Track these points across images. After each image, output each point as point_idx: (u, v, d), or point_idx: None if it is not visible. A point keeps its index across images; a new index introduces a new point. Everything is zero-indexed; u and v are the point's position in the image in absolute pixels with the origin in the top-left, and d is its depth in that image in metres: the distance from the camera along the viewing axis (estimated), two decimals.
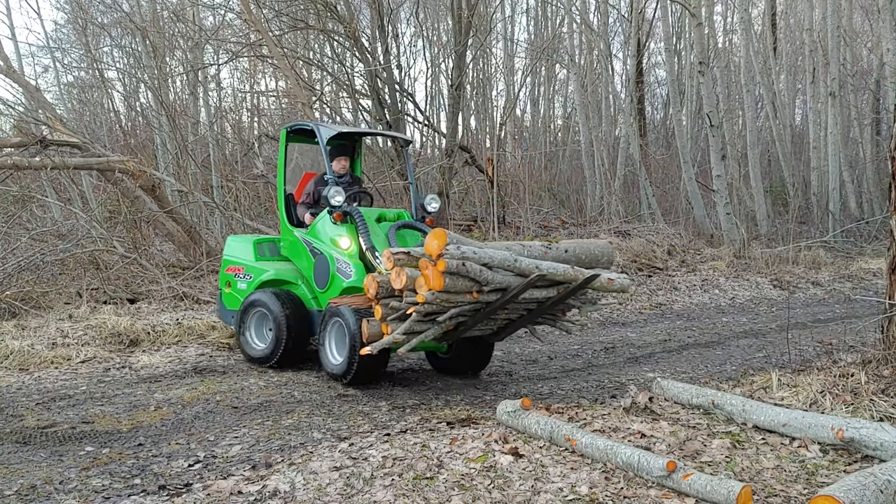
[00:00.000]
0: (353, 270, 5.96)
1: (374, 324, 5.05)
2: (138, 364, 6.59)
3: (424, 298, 4.59)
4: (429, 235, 4.62)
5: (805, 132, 20.51)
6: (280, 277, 6.69)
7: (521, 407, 4.33)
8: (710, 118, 14.52)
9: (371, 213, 6.37)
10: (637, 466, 3.53)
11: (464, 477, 3.59)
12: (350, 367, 5.67)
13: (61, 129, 10.11)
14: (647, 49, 21.63)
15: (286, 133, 7.05)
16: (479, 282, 4.67)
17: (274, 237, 7.42)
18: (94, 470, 4.00)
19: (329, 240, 6.22)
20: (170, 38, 15.22)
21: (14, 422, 4.91)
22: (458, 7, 13.46)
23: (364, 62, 13.35)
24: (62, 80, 18.71)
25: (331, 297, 6.06)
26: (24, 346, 6.75)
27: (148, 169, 10.38)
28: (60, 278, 9.31)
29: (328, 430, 4.70)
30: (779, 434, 4.10)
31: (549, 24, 22.50)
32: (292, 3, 13.70)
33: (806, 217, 17.77)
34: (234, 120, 17.17)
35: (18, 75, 12.50)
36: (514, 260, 4.72)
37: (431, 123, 16.97)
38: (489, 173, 14.54)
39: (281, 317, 6.29)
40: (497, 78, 22.46)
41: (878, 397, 4.27)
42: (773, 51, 21.00)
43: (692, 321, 9.41)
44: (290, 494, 3.47)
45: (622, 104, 19.30)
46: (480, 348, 6.27)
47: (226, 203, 12.39)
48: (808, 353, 6.37)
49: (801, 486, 3.46)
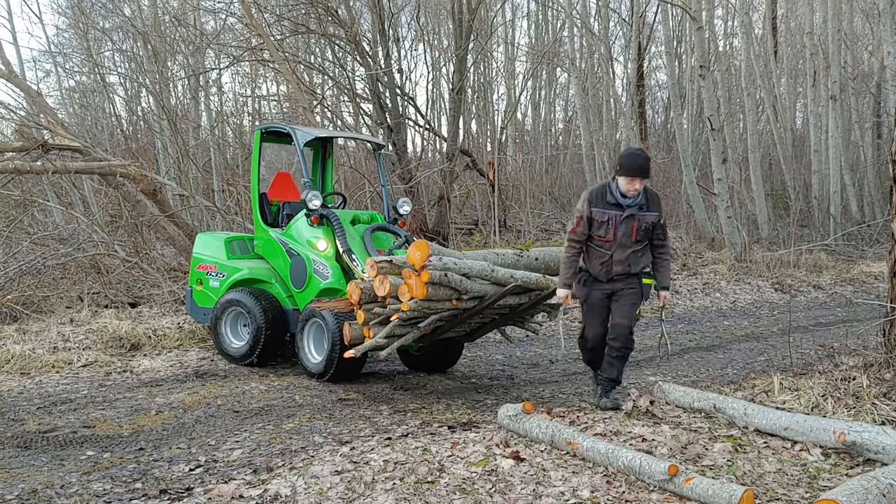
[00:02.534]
0: (330, 272, 6.25)
1: (357, 327, 5.30)
2: (139, 368, 6.59)
3: (409, 307, 4.86)
4: (411, 247, 4.88)
5: (806, 135, 20.51)
6: (254, 276, 6.87)
7: (523, 411, 4.33)
8: (710, 122, 14.51)
9: (345, 215, 6.60)
10: (639, 470, 3.53)
11: (465, 481, 3.59)
12: (329, 366, 5.91)
13: (63, 134, 10.12)
14: (647, 53, 21.65)
15: (260, 134, 7.26)
16: (459, 291, 5.00)
17: (246, 235, 7.55)
18: (96, 474, 4.00)
19: (306, 241, 6.46)
20: (171, 43, 15.23)
21: (15, 426, 4.91)
22: (458, 11, 13.49)
23: (365, 66, 13.37)
24: (64, 84, 18.75)
25: (308, 298, 6.34)
26: (26, 350, 6.75)
27: (149, 173, 10.39)
28: (62, 282, 9.32)
29: (329, 434, 4.70)
30: (780, 438, 4.09)
31: (549, 28, 22.53)
32: (293, 7, 13.72)
33: (807, 220, 17.76)
34: (235, 124, 17.17)
35: (20, 80, 12.52)
36: (491, 270, 5.07)
37: (432, 127, 16.97)
38: (490, 177, 14.54)
39: (259, 316, 6.46)
40: (498, 82, 22.48)
41: (879, 401, 4.27)
42: (773, 54, 21.01)
43: (693, 325, 9.40)
44: (292, 498, 3.46)
45: (623, 108, 19.31)
46: (451, 347, 6.55)
47: (227, 207, 12.39)
48: (810, 357, 6.37)
49: (802, 490, 3.45)
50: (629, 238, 4.69)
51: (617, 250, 4.70)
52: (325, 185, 7.81)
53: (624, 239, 4.68)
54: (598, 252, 4.76)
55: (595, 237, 4.73)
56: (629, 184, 4.58)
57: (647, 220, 4.72)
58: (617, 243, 4.69)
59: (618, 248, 4.70)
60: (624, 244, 4.69)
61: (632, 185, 4.58)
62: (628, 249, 4.70)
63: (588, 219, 4.70)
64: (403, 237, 6.59)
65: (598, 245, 4.75)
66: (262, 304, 6.52)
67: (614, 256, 4.72)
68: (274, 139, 7.61)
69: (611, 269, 4.74)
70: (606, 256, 4.73)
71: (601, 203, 4.69)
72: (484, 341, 7.77)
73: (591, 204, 4.70)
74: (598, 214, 4.68)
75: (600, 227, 4.69)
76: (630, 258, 4.72)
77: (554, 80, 23.33)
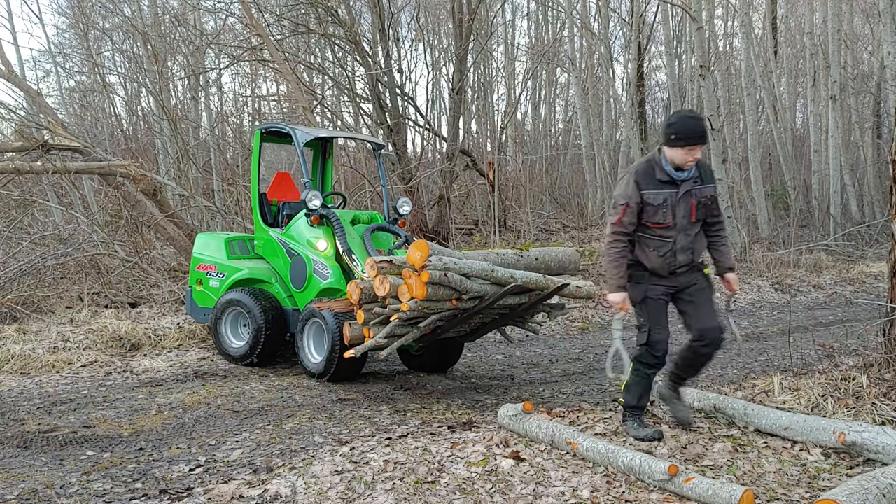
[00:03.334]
0: (330, 272, 6.25)
1: (356, 327, 5.31)
2: (139, 368, 6.59)
3: (409, 307, 4.84)
4: (411, 247, 4.85)
5: (806, 135, 20.52)
6: (254, 276, 6.88)
7: (523, 411, 4.33)
8: (710, 122, 14.50)
9: (345, 215, 6.61)
10: (639, 470, 3.53)
11: (465, 481, 3.59)
12: (329, 366, 5.91)
13: (63, 134, 10.12)
14: (647, 53, 21.65)
15: (260, 134, 7.27)
16: (459, 291, 4.97)
17: (245, 235, 7.56)
18: (95, 474, 4.00)
19: (306, 241, 6.47)
20: (171, 43, 15.23)
21: (15, 426, 4.91)
22: (458, 11, 13.49)
23: (365, 66, 13.37)
24: (64, 84, 18.77)
25: (308, 298, 6.35)
26: (26, 350, 6.75)
27: (149, 173, 10.40)
28: (62, 282, 9.33)
29: (329, 434, 4.70)
30: (780, 438, 4.10)
31: (549, 28, 22.55)
32: (293, 7, 13.72)
33: (807, 220, 17.76)
34: (235, 124, 17.18)
35: (20, 80, 12.52)
36: (491, 270, 5.02)
37: (432, 127, 16.98)
38: (490, 177, 14.55)
39: (259, 316, 6.47)
40: (498, 82, 22.51)
41: (879, 401, 4.27)
42: (773, 54, 21.01)
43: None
44: (292, 498, 3.46)
45: (623, 108, 19.31)
46: (451, 347, 6.54)
47: (227, 207, 12.40)
48: (810, 357, 6.36)
49: (802, 490, 3.45)
50: (688, 219, 4.01)
51: (679, 236, 4.01)
52: (324, 185, 7.82)
53: (684, 221, 4.00)
54: (655, 242, 4.04)
55: (649, 224, 4.01)
56: (688, 153, 3.87)
57: (704, 195, 4.05)
58: (678, 228, 4.00)
59: (679, 233, 4.00)
60: (685, 228, 4.01)
61: (691, 155, 3.88)
62: (690, 233, 4.04)
63: (637, 205, 3.96)
64: (403, 237, 6.60)
65: (654, 234, 4.03)
66: (262, 304, 6.53)
67: (677, 244, 4.02)
68: (274, 139, 7.62)
69: (675, 259, 4.05)
70: (668, 246, 4.02)
71: (651, 183, 3.96)
72: (484, 341, 7.77)
73: (640, 186, 3.95)
74: (651, 197, 3.95)
75: (655, 212, 3.97)
76: (693, 244, 4.07)
77: (554, 80, 23.34)
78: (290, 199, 7.30)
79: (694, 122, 3.89)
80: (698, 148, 3.87)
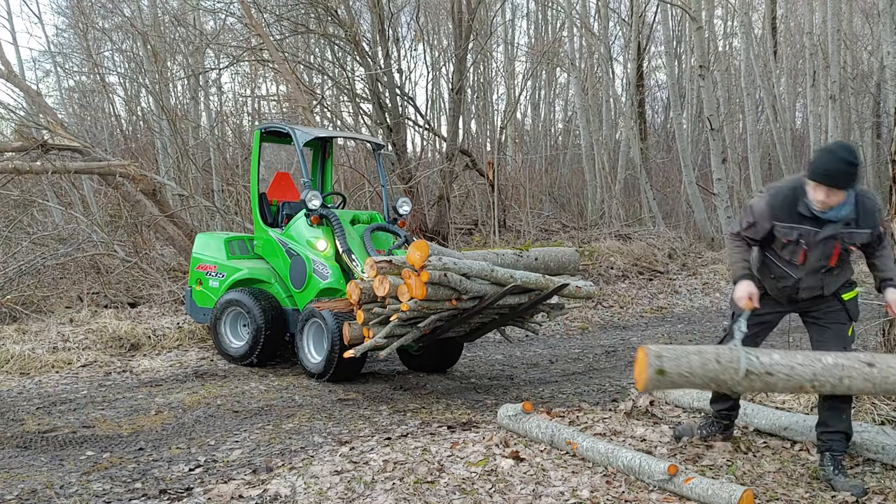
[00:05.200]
0: (329, 272, 6.26)
1: (356, 327, 5.32)
2: (139, 368, 6.59)
3: (409, 307, 4.85)
4: (411, 247, 4.86)
5: (805, 135, 20.50)
6: (254, 276, 6.88)
7: (522, 411, 4.34)
8: (710, 122, 14.52)
9: (345, 215, 6.61)
10: (638, 470, 3.53)
11: (465, 481, 3.59)
12: (329, 366, 5.92)
13: (62, 134, 10.11)
14: (647, 53, 21.64)
15: (260, 134, 7.27)
16: (459, 291, 4.99)
17: (245, 235, 7.57)
18: (95, 474, 4.00)
19: (306, 241, 6.47)
20: (171, 43, 15.22)
21: (15, 426, 4.91)
22: (458, 11, 13.48)
23: (365, 66, 13.36)
24: (63, 84, 18.74)
25: (308, 298, 6.35)
26: (25, 350, 6.75)
27: (149, 173, 10.39)
28: (61, 282, 9.32)
29: (329, 434, 4.70)
30: (780, 438, 4.10)
31: (549, 28, 22.54)
32: (293, 7, 13.72)
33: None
34: (234, 124, 17.17)
35: (19, 80, 12.51)
36: (490, 270, 5.04)
37: (432, 127, 16.97)
38: (490, 177, 14.54)
39: (259, 316, 6.48)
40: (497, 82, 22.47)
41: (879, 401, 4.26)
42: (773, 54, 21.00)
43: (693, 324, 9.40)
44: (291, 498, 3.46)
45: (623, 108, 19.31)
46: (451, 347, 6.54)
47: (227, 207, 12.39)
48: None
49: (802, 490, 3.45)
50: (826, 262, 3.50)
51: (807, 276, 3.54)
52: (324, 185, 7.82)
53: (818, 264, 3.51)
54: (778, 270, 3.62)
55: (776, 251, 3.59)
56: (824, 195, 3.31)
57: (854, 241, 3.47)
58: (807, 270, 3.53)
59: (808, 275, 3.54)
60: (816, 269, 3.52)
61: (819, 197, 3.32)
62: (822, 273, 3.55)
63: (766, 231, 3.53)
64: (403, 237, 6.60)
65: (779, 262, 3.60)
66: (262, 304, 6.53)
67: (802, 283, 3.57)
68: (274, 139, 7.62)
69: (796, 293, 3.62)
70: (790, 281, 3.59)
71: (789, 215, 3.44)
72: (484, 341, 7.77)
73: (774, 216, 3.46)
74: (784, 231, 3.47)
75: (784, 246, 3.51)
76: (824, 280, 3.57)
77: (554, 80, 23.33)
78: (289, 199, 7.30)
79: (837, 162, 3.27)
80: (840, 192, 3.31)
